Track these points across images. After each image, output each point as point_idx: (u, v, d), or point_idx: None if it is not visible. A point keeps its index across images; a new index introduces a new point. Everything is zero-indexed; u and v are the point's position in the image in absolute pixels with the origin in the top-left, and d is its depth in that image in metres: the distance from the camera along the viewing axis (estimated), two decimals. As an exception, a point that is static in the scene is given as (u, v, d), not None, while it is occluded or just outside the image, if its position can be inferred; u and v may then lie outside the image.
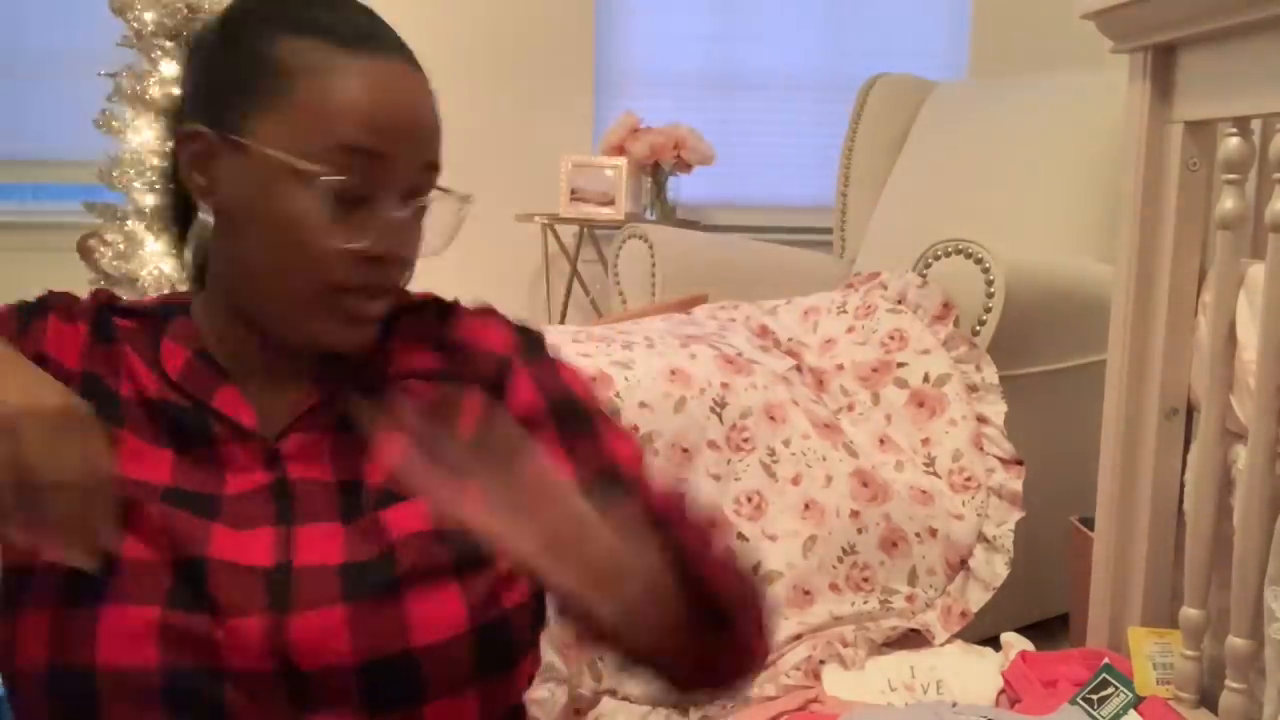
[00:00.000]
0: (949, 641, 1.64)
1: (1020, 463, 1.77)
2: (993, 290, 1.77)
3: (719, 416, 1.72)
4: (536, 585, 0.76)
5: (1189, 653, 1.35)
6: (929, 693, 1.51)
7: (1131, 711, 1.31)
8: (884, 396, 1.83)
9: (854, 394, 1.85)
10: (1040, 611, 1.98)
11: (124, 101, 2.53)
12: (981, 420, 1.77)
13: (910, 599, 1.68)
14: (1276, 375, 1.20)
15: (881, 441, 1.80)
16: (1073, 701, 1.33)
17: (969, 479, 1.74)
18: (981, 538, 1.72)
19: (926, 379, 1.80)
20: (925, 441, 1.78)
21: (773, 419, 1.75)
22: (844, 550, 1.67)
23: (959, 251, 1.81)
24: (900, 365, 1.82)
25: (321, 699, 0.71)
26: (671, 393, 1.70)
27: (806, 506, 1.69)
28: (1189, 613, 1.35)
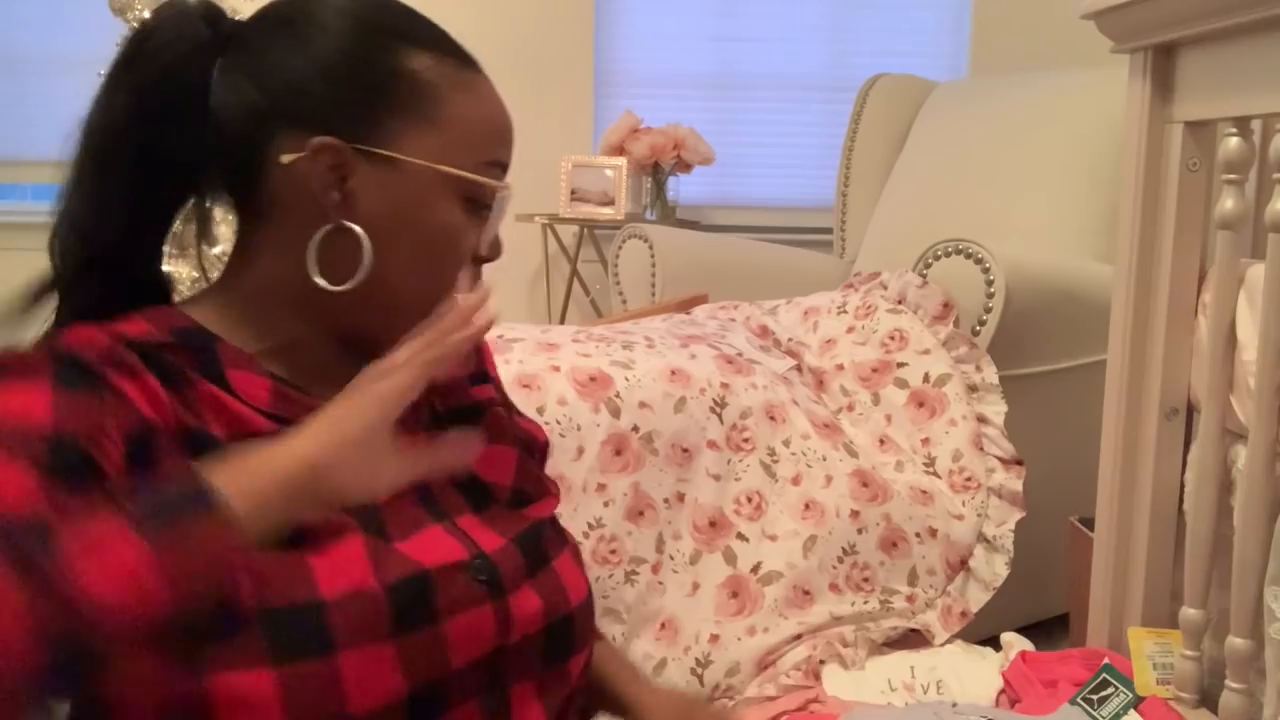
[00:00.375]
0: (949, 641, 1.64)
1: (1020, 463, 1.77)
2: (993, 290, 1.77)
3: (719, 416, 1.72)
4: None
5: (1189, 653, 1.34)
6: (929, 693, 1.51)
7: (1131, 711, 1.31)
8: (884, 396, 1.83)
9: (854, 394, 1.85)
10: (1040, 611, 1.98)
11: (124, 101, 2.53)
12: (981, 420, 1.77)
13: (910, 599, 1.68)
14: (1276, 375, 1.20)
15: (881, 441, 1.80)
16: (1073, 701, 1.33)
17: (969, 479, 1.74)
18: (981, 538, 1.72)
19: (926, 379, 1.80)
20: (925, 441, 1.78)
21: (773, 419, 1.75)
22: (844, 550, 1.67)
23: (959, 251, 1.81)
24: (900, 365, 1.82)
25: (520, 668, 0.77)
26: (671, 393, 1.70)
27: (806, 506, 1.69)
28: (1189, 613, 1.35)
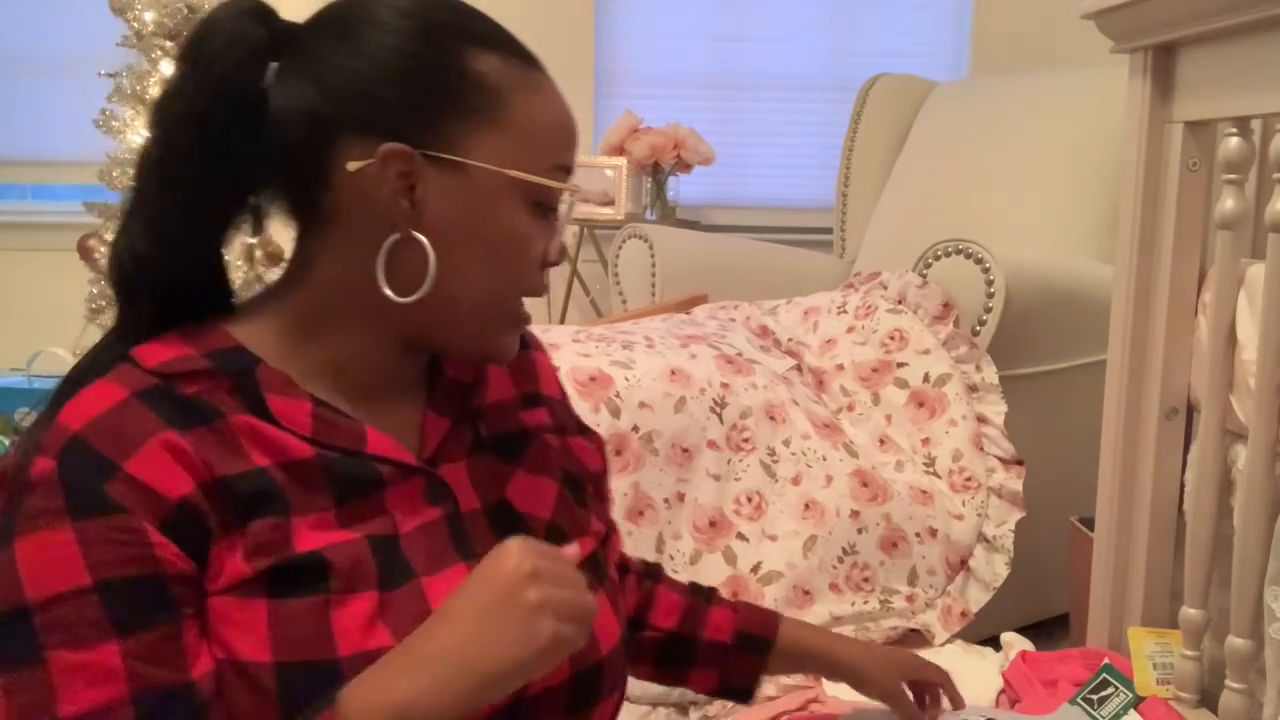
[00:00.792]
0: (949, 641, 1.64)
1: (1020, 463, 1.77)
2: (993, 290, 1.77)
3: (719, 416, 1.72)
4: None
5: (1189, 653, 1.34)
6: (929, 693, 1.51)
7: (1131, 711, 1.31)
8: (884, 396, 1.83)
9: (854, 394, 1.85)
10: (1040, 611, 1.98)
11: (124, 101, 2.54)
12: (981, 420, 1.77)
13: (910, 599, 1.68)
14: (1276, 375, 1.20)
15: (881, 441, 1.80)
16: (1073, 701, 1.33)
17: (969, 479, 1.74)
18: (982, 538, 1.72)
19: (926, 379, 1.80)
20: (925, 441, 1.78)
21: (773, 419, 1.75)
22: (844, 550, 1.67)
23: (959, 251, 1.81)
24: (900, 365, 1.82)
25: (540, 718, 0.76)
26: (671, 393, 1.70)
27: (806, 506, 1.69)
28: (1189, 613, 1.34)
